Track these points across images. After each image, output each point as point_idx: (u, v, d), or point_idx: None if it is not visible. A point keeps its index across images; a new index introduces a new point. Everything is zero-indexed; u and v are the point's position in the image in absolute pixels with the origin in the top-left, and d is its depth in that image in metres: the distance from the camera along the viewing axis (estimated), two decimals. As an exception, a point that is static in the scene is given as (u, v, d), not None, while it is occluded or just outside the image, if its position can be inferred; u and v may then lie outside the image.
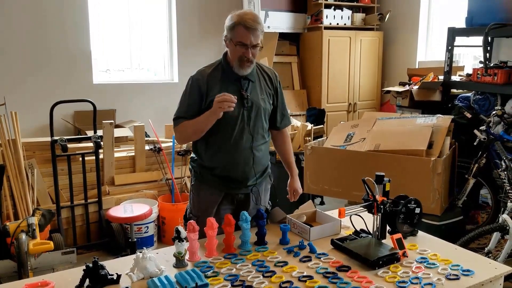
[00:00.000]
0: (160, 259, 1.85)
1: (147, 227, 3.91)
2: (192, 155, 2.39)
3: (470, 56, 5.65)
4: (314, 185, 3.82)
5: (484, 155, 3.72)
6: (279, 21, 5.83)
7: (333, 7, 5.88)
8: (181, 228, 1.87)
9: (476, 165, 3.75)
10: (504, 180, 3.60)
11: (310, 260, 1.91)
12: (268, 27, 5.71)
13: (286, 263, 1.89)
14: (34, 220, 3.10)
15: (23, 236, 2.94)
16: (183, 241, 1.87)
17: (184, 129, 2.21)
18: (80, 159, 3.87)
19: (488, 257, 2.99)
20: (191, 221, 1.94)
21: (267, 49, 5.63)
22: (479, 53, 4.18)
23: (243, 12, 2.14)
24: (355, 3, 6.05)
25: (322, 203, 4.84)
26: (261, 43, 2.18)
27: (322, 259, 1.92)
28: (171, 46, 5.68)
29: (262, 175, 2.36)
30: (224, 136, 2.18)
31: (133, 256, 1.80)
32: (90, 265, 1.68)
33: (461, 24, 4.49)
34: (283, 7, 5.88)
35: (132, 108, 5.34)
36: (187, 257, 1.91)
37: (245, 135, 2.22)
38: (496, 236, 3.02)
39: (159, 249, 2.06)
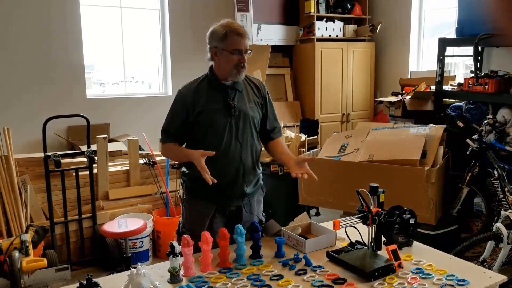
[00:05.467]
0: (154, 275, 1.84)
1: (142, 241, 3.88)
2: (183, 169, 2.39)
3: (461, 65, 5.71)
4: (309, 196, 3.81)
5: (477, 164, 3.74)
6: (272, 34, 5.87)
7: (325, 19, 5.93)
8: (175, 243, 1.86)
9: (470, 174, 3.76)
10: (497, 189, 3.61)
11: (306, 273, 1.90)
12: (261, 39, 5.75)
13: (281, 276, 1.88)
14: (28, 237, 3.06)
15: (16, 254, 2.90)
16: (177, 256, 1.85)
17: (167, 150, 2.35)
18: (74, 174, 3.85)
19: (483, 265, 2.99)
20: (186, 235, 1.93)
21: (260, 61, 5.66)
22: (470, 62, 4.23)
23: (229, 22, 2.23)
24: (346, 15, 6.11)
25: (317, 214, 4.83)
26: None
27: (317, 271, 1.92)
28: (164, 60, 5.70)
29: (254, 186, 2.35)
30: (213, 146, 2.19)
31: (127, 272, 1.79)
32: (84, 282, 1.66)
33: (451, 34, 4.54)
34: (276, 20, 5.93)
35: (126, 122, 5.33)
36: (181, 272, 1.89)
37: (234, 144, 2.24)
38: (490, 244, 3.03)
39: (153, 265, 2.04)
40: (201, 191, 2.28)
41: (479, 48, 4.16)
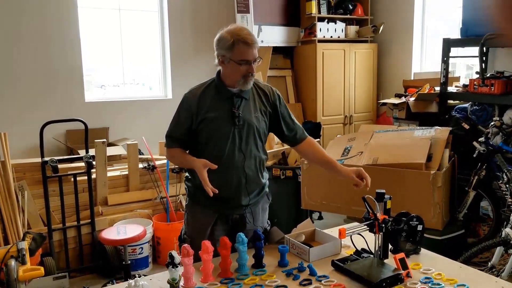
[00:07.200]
0: (153, 286, 1.78)
1: (142, 248, 3.81)
2: (187, 174, 2.33)
3: (462, 66, 5.64)
4: (312, 201, 3.75)
5: (484, 167, 3.67)
6: (273, 35, 5.81)
7: (326, 20, 5.86)
8: (175, 253, 1.79)
9: (476, 177, 3.69)
10: (506, 193, 3.54)
11: (311, 284, 1.83)
12: (262, 41, 5.68)
13: (285, 287, 1.80)
14: (24, 245, 2.99)
15: (13, 262, 2.83)
16: (177, 266, 1.78)
17: (172, 155, 2.28)
18: (72, 179, 3.79)
19: (492, 272, 2.92)
20: (185, 245, 1.86)
21: (261, 63, 5.53)
22: (472, 62, 4.16)
23: (237, 29, 2.09)
24: (348, 16, 6.04)
25: (320, 218, 4.76)
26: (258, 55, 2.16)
27: (323, 282, 1.84)
28: (164, 62, 5.63)
29: (258, 195, 2.28)
30: (215, 154, 2.12)
31: (125, 284, 1.72)
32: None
33: (455, 35, 4.48)
34: (276, 21, 5.87)
35: (125, 125, 5.26)
36: (181, 283, 1.82)
37: (237, 154, 2.16)
38: (499, 250, 2.96)
39: (152, 275, 1.97)
40: (203, 199, 2.21)
41: (484, 48, 4.09)
